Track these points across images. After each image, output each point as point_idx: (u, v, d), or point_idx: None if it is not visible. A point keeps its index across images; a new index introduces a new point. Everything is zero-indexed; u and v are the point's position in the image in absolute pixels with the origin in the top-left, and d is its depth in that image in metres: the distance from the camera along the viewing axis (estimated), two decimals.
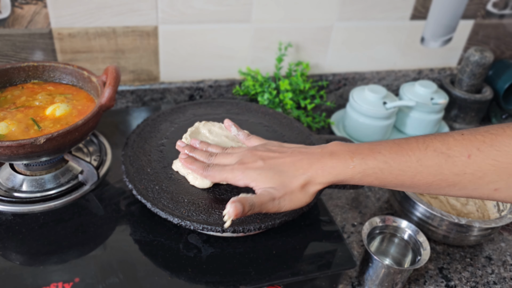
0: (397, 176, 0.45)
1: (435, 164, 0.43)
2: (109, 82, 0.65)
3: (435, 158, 0.43)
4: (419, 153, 0.44)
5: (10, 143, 0.55)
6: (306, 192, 0.48)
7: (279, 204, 0.48)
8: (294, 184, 0.48)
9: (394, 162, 0.45)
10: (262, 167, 0.50)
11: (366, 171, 0.46)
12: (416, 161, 0.44)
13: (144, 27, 0.88)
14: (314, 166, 0.48)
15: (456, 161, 0.42)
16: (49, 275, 0.53)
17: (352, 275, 0.66)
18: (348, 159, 0.47)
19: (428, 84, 0.98)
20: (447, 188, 0.44)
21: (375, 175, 0.46)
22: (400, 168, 0.45)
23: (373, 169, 0.46)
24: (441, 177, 0.43)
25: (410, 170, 0.44)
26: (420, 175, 0.44)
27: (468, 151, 0.42)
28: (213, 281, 0.54)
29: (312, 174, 0.48)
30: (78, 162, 0.65)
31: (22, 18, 0.80)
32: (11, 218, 0.61)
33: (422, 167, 0.44)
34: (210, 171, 0.55)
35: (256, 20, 0.93)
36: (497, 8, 1.07)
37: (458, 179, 0.43)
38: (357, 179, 0.47)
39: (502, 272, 0.70)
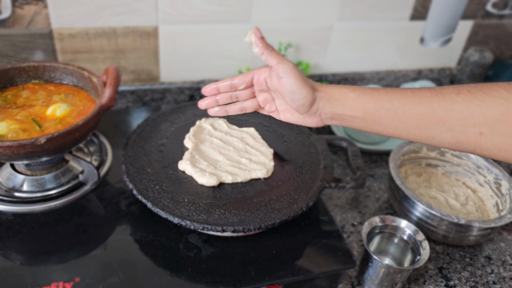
0: (391, 100, 0.49)
1: (426, 96, 0.47)
2: (110, 82, 0.65)
3: (427, 91, 0.48)
4: (414, 89, 0.49)
5: (10, 143, 0.55)
6: (313, 97, 0.53)
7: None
8: (310, 83, 0.53)
9: (390, 89, 0.50)
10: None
11: (364, 90, 0.51)
12: (410, 92, 0.49)
13: (144, 27, 0.88)
14: (323, 86, 0.54)
15: (445, 96, 0.46)
16: (49, 274, 0.54)
17: (352, 274, 0.66)
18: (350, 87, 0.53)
19: (427, 84, 0.98)
20: (437, 126, 0.47)
21: (371, 94, 0.50)
22: (394, 93, 0.49)
23: (370, 89, 0.51)
24: (431, 110, 0.47)
25: (403, 97, 0.48)
26: (412, 104, 0.48)
27: (458, 90, 0.45)
28: (213, 280, 0.55)
29: (320, 89, 0.53)
30: (79, 162, 0.66)
31: (23, 18, 0.80)
32: (11, 218, 0.61)
33: (414, 96, 0.48)
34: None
35: (256, 20, 0.93)
36: (497, 9, 1.08)
37: (447, 115, 0.46)
38: (355, 96, 0.51)
39: (501, 271, 0.70)
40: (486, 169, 0.79)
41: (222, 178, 0.62)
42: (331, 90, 0.53)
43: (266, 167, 0.64)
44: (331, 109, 0.53)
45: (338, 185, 0.65)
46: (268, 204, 0.59)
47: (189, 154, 0.65)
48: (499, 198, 0.76)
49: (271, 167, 0.65)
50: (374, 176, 0.86)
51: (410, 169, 0.83)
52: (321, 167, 0.67)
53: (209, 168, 0.63)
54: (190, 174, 0.62)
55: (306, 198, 0.61)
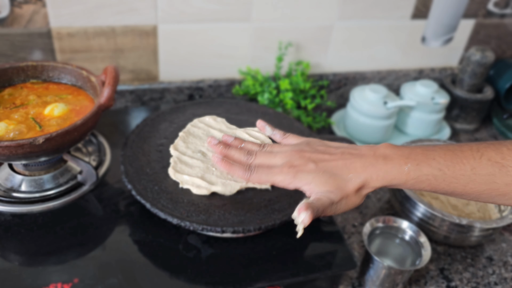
0: (450, 184, 0.45)
1: (489, 173, 0.44)
2: (108, 81, 0.65)
3: (489, 167, 0.44)
4: (473, 162, 0.44)
5: (9, 143, 0.55)
6: (359, 195, 0.48)
7: (335, 208, 0.47)
8: (350, 188, 0.47)
9: (448, 169, 0.45)
10: (314, 170, 0.48)
11: (420, 178, 0.46)
12: (470, 169, 0.44)
13: (143, 26, 0.87)
14: (368, 170, 0.47)
15: (509, 170, 0.43)
16: (48, 275, 0.53)
17: (353, 275, 0.66)
18: (403, 164, 0.46)
19: (429, 84, 0.97)
20: (497, 197, 0.45)
21: (428, 181, 0.46)
22: (454, 176, 0.45)
23: (426, 176, 0.45)
24: (493, 187, 0.44)
25: (463, 178, 0.45)
26: (473, 184, 0.45)
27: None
28: (212, 281, 0.54)
29: (366, 178, 0.47)
30: (77, 162, 0.65)
31: (21, 17, 0.80)
32: (10, 218, 0.61)
33: (475, 176, 0.44)
34: (255, 174, 0.50)
35: (256, 19, 0.93)
36: (498, 8, 1.07)
37: (509, 189, 0.44)
38: (409, 185, 0.47)
39: (503, 272, 0.69)
40: None
41: (212, 188, 0.59)
42: (382, 177, 0.47)
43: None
44: (381, 187, 0.49)
45: None
46: (268, 205, 0.59)
47: (172, 162, 0.62)
48: None
49: None
50: None
51: None
52: None
53: (198, 175, 0.60)
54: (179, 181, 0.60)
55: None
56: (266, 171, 0.50)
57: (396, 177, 0.46)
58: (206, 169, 0.61)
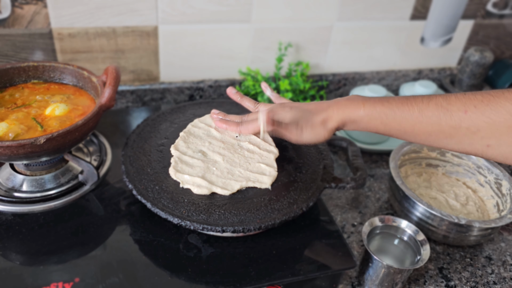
0: (400, 123, 0.51)
1: (435, 115, 0.48)
2: (109, 82, 0.65)
3: (435, 110, 0.48)
4: (421, 105, 0.49)
5: (10, 143, 0.55)
6: (325, 127, 0.57)
7: (301, 131, 0.58)
8: (316, 118, 0.57)
9: (398, 109, 0.51)
10: (289, 110, 0.59)
11: (373, 114, 0.53)
12: (418, 111, 0.49)
13: (144, 27, 0.88)
14: (332, 107, 0.57)
15: (453, 115, 0.47)
16: (49, 275, 0.53)
17: (352, 275, 0.66)
18: (360, 103, 0.54)
19: (428, 84, 0.98)
20: (445, 140, 0.49)
21: (381, 119, 0.52)
22: (403, 115, 0.50)
23: (379, 113, 0.52)
24: (439, 128, 0.48)
25: (412, 118, 0.50)
26: (420, 124, 0.49)
27: (466, 107, 0.46)
28: (213, 281, 0.54)
29: (329, 113, 0.56)
30: (78, 162, 0.65)
31: (22, 18, 0.80)
32: (11, 218, 0.61)
33: (422, 117, 0.49)
34: (244, 125, 0.63)
35: (256, 20, 0.93)
36: (497, 8, 1.07)
37: (455, 132, 0.47)
38: (365, 122, 0.54)
39: (502, 272, 0.70)
40: (486, 169, 0.79)
41: (213, 189, 0.59)
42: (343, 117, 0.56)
43: (269, 179, 0.62)
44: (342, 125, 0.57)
45: (338, 185, 0.65)
46: (268, 204, 0.59)
47: (173, 161, 0.63)
48: (500, 198, 0.76)
49: (273, 177, 0.63)
50: (374, 176, 0.86)
51: (411, 169, 0.83)
52: (321, 167, 0.67)
53: (199, 175, 0.60)
54: (179, 181, 0.61)
55: (306, 198, 0.61)
56: (252, 122, 0.62)
57: (353, 112, 0.54)
58: (207, 169, 0.62)
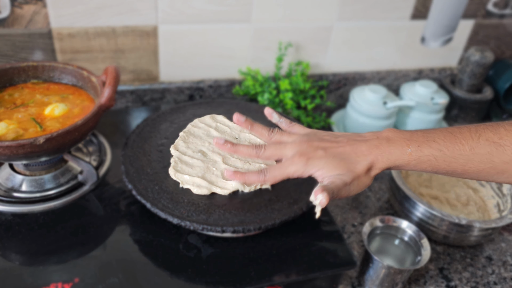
0: (450, 164, 0.48)
1: (487, 152, 0.46)
2: (109, 82, 0.65)
3: (487, 147, 0.46)
4: (471, 142, 0.47)
5: (9, 143, 0.55)
6: (369, 175, 0.51)
7: (349, 189, 0.50)
8: (359, 169, 0.50)
9: (448, 150, 0.48)
10: (324, 156, 0.51)
11: (421, 158, 0.49)
12: (469, 149, 0.47)
13: (144, 27, 0.87)
14: (374, 152, 0.50)
15: (506, 150, 0.45)
16: (48, 275, 0.53)
17: (352, 275, 0.66)
18: (405, 146, 0.49)
19: (428, 84, 0.98)
20: (496, 175, 0.48)
21: (429, 162, 0.49)
22: (453, 156, 0.47)
23: (427, 157, 0.48)
24: (491, 165, 0.46)
25: (462, 158, 0.47)
26: (472, 163, 0.47)
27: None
28: (213, 281, 0.54)
29: (373, 159, 0.50)
30: (78, 162, 0.65)
31: (22, 18, 0.80)
32: (10, 218, 0.61)
33: (474, 155, 0.47)
34: (269, 174, 0.52)
35: (256, 20, 0.93)
36: (498, 8, 1.07)
37: (507, 167, 0.46)
38: (412, 166, 0.50)
39: (502, 272, 0.70)
40: None
41: (212, 189, 0.59)
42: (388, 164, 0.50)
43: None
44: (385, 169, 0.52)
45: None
46: (268, 205, 0.59)
47: (173, 161, 0.63)
48: (500, 199, 0.76)
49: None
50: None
51: None
52: None
53: (198, 175, 0.60)
54: (179, 181, 0.60)
55: (306, 198, 0.60)
56: (279, 166, 0.52)
57: (399, 158, 0.49)
58: (207, 169, 0.62)
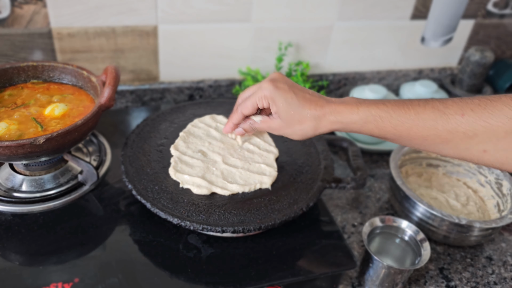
0: (396, 126, 0.49)
1: (431, 118, 0.47)
2: (109, 82, 0.65)
3: (431, 113, 0.47)
4: (418, 108, 0.48)
5: (9, 143, 0.55)
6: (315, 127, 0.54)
7: (290, 130, 0.56)
8: (306, 112, 0.54)
9: (394, 112, 0.49)
10: (287, 90, 0.55)
11: (368, 118, 0.51)
12: (414, 113, 0.48)
13: (143, 27, 0.87)
14: (326, 107, 0.54)
15: (450, 118, 0.46)
16: (48, 275, 0.53)
17: (353, 275, 0.66)
18: (354, 107, 0.52)
19: (428, 84, 0.98)
20: (441, 144, 0.48)
21: (375, 122, 0.50)
22: (399, 118, 0.49)
23: (374, 116, 0.50)
24: (435, 132, 0.47)
25: (407, 121, 0.48)
26: (416, 128, 0.48)
27: (463, 110, 0.45)
28: (212, 281, 0.54)
29: (324, 112, 0.53)
30: (78, 162, 0.65)
31: (22, 17, 0.80)
32: (10, 218, 0.61)
33: (418, 120, 0.48)
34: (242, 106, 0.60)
35: (256, 20, 0.93)
36: (498, 8, 1.07)
37: (451, 136, 0.46)
38: (359, 125, 0.52)
39: (502, 272, 0.70)
40: (487, 169, 0.79)
41: (212, 189, 0.60)
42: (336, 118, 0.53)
43: (269, 179, 0.62)
44: (335, 128, 0.54)
45: (338, 186, 0.65)
46: (268, 205, 0.59)
47: (173, 161, 0.63)
48: (500, 199, 0.76)
49: (273, 178, 0.63)
50: (375, 176, 0.86)
51: (411, 169, 0.83)
52: (321, 167, 0.67)
53: (198, 175, 0.61)
54: (180, 181, 0.61)
55: (306, 198, 0.60)
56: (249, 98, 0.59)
57: (347, 115, 0.52)
58: (207, 169, 0.62)
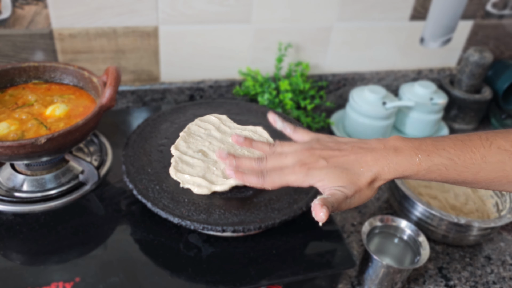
0: (461, 173, 0.46)
1: (499, 161, 0.44)
2: (110, 82, 0.65)
3: (499, 155, 0.44)
4: (483, 150, 0.45)
5: (10, 143, 0.55)
6: (372, 188, 0.48)
7: (350, 202, 0.47)
8: (362, 181, 0.47)
9: (458, 159, 0.46)
10: (326, 166, 0.48)
11: (431, 168, 0.46)
12: (480, 158, 0.45)
13: (144, 28, 0.88)
14: (379, 162, 0.47)
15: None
16: (49, 274, 0.54)
17: (352, 274, 0.66)
18: (414, 155, 0.47)
19: (427, 84, 0.98)
20: (507, 184, 0.46)
21: (439, 171, 0.46)
22: (465, 165, 0.45)
23: (437, 166, 0.46)
24: (503, 174, 0.45)
25: (473, 167, 0.45)
26: (483, 172, 0.45)
27: None
28: (213, 280, 0.55)
29: (378, 171, 0.47)
30: (79, 162, 0.66)
31: (23, 18, 0.80)
32: (12, 218, 0.61)
33: (485, 164, 0.45)
34: (268, 179, 0.50)
35: (256, 21, 0.93)
36: (497, 9, 1.08)
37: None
38: (421, 175, 0.47)
39: (501, 271, 0.70)
40: None
41: (212, 188, 0.60)
42: (394, 169, 0.47)
43: None
44: (393, 179, 0.49)
45: None
46: (268, 204, 0.59)
47: (173, 161, 0.63)
48: (499, 198, 0.76)
49: None
50: None
51: None
52: None
53: (199, 175, 0.61)
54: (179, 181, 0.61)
55: (306, 198, 0.61)
56: (279, 173, 0.50)
57: (407, 169, 0.46)
58: (207, 169, 0.62)
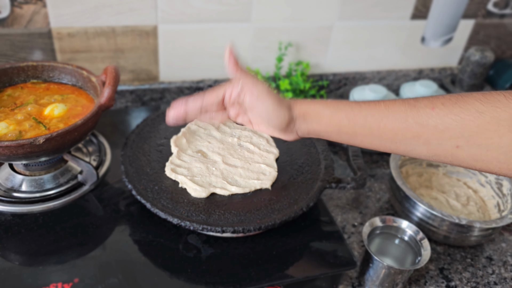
0: (366, 117, 0.49)
1: (401, 110, 0.47)
2: (109, 81, 0.65)
3: (401, 106, 0.47)
4: (388, 102, 0.48)
5: (9, 143, 0.55)
6: (288, 110, 0.52)
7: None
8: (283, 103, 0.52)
9: (364, 104, 0.50)
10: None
11: (339, 106, 0.51)
12: (384, 106, 0.48)
13: (143, 27, 0.87)
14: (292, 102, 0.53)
15: (420, 111, 0.45)
16: (48, 275, 0.53)
17: (353, 275, 0.66)
18: (324, 101, 0.53)
19: (428, 84, 0.98)
20: (412, 140, 0.47)
21: (346, 112, 0.50)
22: (369, 110, 0.49)
23: (344, 106, 0.50)
24: (406, 125, 0.46)
25: (378, 113, 0.48)
26: (387, 119, 0.47)
27: (433, 104, 0.45)
28: (212, 281, 0.54)
29: (291, 103, 0.53)
30: (78, 162, 0.65)
31: (22, 17, 0.80)
32: (10, 218, 0.61)
33: (388, 111, 0.47)
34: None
35: (256, 20, 0.93)
36: (498, 8, 1.07)
37: (422, 130, 0.45)
38: (328, 115, 0.51)
39: (503, 272, 0.70)
40: None
41: (211, 190, 0.59)
42: (306, 107, 0.52)
43: (269, 179, 0.62)
44: (306, 126, 0.52)
45: (338, 186, 0.64)
46: (268, 205, 0.59)
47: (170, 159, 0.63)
48: (501, 199, 0.76)
49: (273, 178, 0.63)
50: (375, 177, 0.86)
51: (411, 169, 0.83)
52: (321, 167, 0.67)
53: (196, 178, 0.61)
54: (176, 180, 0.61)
55: (307, 198, 0.60)
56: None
57: (316, 106, 0.51)
58: (206, 169, 0.62)
